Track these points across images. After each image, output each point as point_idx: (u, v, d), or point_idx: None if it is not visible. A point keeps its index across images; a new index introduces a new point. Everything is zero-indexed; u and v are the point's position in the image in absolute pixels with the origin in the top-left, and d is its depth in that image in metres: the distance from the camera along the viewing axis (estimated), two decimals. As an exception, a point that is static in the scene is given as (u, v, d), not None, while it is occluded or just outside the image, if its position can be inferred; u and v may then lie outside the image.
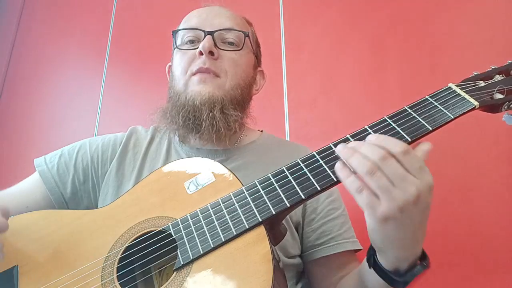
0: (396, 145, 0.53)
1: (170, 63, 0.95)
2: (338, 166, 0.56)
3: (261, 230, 0.58)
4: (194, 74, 0.83)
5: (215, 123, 0.80)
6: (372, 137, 0.55)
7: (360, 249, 0.85)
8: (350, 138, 0.61)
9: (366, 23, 1.42)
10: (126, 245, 0.64)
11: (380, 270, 0.61)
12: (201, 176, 0.68)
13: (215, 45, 0.84)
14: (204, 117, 0.80)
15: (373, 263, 0.62)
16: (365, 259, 0.68)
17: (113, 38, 1.92)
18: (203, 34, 0.85)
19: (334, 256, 0.83)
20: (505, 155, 1.10)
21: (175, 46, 0.90)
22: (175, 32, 0.91)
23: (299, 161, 0.62)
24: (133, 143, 0.91)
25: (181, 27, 0.91)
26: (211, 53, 0.82)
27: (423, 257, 0.60)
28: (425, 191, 0.52)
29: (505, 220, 1.06)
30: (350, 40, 1.43)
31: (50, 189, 0.85)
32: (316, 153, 0.62)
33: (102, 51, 1.90)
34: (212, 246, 0.58)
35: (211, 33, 0.84)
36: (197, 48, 0.84)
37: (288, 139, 1.40)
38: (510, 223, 1.05)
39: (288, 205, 0.59)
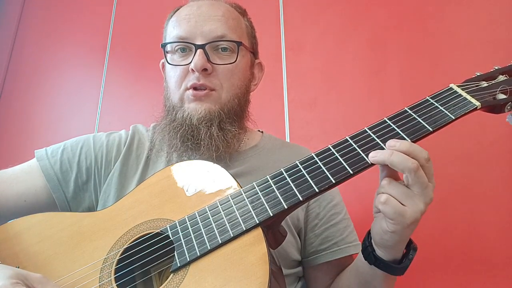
0: (422, 152, 0.57)
1: (163, 60, 0.90)
2: None
3: (259, 232, 0.58)
4: (188, 89, 0.81)
5: (214, 142, 0.79)
6: (394, 143, 0.58)
7: None
8: (350, 140, 0.61)
9: (366, 23, 1.42)
10: (125, 246, 0.64)
11: (383, 264, 0.63)
12: (200, 178, 0.68)
13: (208, 60, 0.80)
14: (202, 136, 0.79)
15: (374, 260, 0.64)
16: (358, 258, 0.72)
17: (113, 38, 1.92)
18: (193, 46, 0.81)
19: (336, 261, 0.83)
20: (505, 155, 1.10)
21: (166, 60, 0.86)
22: (164, 45, 0.86)
23: (298, 163, 0.62)
24: (136, 144, 0.90)
25: (169, 31, 0.87)
26: (204, 70, 0.80)
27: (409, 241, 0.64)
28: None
29: (505, 220, 1.06)
30: (350, 40, 1.43)
31: (52, 187, 0.84)
32: (315, 155, 0.62)
33: (102, 50, 1.90)
34: (209, 248, 0.58)
35: (202, 46, 0.80)
36: (189, 63, 0.80)
37: (288, 139, 1.40)
38: (510, 223, 1.05)
39: (285, 207, 0.59)
